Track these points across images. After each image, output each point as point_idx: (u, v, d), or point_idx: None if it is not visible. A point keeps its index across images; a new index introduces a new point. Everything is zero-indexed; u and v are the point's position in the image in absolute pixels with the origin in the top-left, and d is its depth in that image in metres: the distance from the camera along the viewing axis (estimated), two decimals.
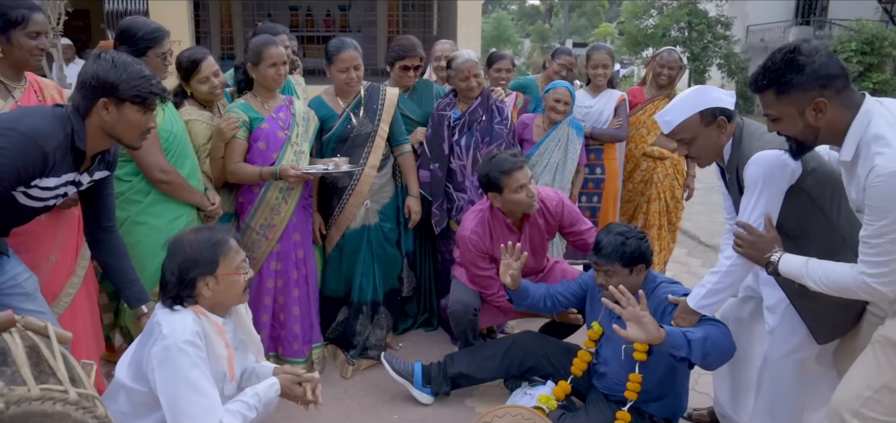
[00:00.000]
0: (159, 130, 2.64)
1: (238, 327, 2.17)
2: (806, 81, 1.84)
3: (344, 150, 3.31)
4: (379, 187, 3.41)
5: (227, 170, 3.05)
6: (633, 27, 17.40)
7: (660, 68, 4.23)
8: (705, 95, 2.36)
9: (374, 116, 3.36)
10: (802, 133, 1.93)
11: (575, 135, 3.93)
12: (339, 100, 3.37)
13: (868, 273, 1.84)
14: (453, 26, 8.56)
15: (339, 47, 3.26)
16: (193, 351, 1.88)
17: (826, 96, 1.84)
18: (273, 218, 3.08)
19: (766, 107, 1.97)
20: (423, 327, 3.93)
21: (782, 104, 1.91)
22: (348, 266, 3.42)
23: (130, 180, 2.67)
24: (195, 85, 3.01)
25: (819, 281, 1.97)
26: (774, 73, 1.89)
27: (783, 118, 1.93)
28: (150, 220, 2.69)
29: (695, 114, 2.33)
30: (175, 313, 1.95)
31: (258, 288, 3.12)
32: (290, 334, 3.19)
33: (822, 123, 1.87)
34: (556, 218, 3.20)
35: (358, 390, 3.25)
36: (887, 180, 1.74)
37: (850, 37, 14.12)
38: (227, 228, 2.12)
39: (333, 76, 3.31)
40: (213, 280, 1.98)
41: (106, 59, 1.93)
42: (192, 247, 1.97)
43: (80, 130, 1.93)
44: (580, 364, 2.89)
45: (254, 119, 3.04)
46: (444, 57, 3.95)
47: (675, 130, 2.39)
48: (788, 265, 2.06)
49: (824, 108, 1.85)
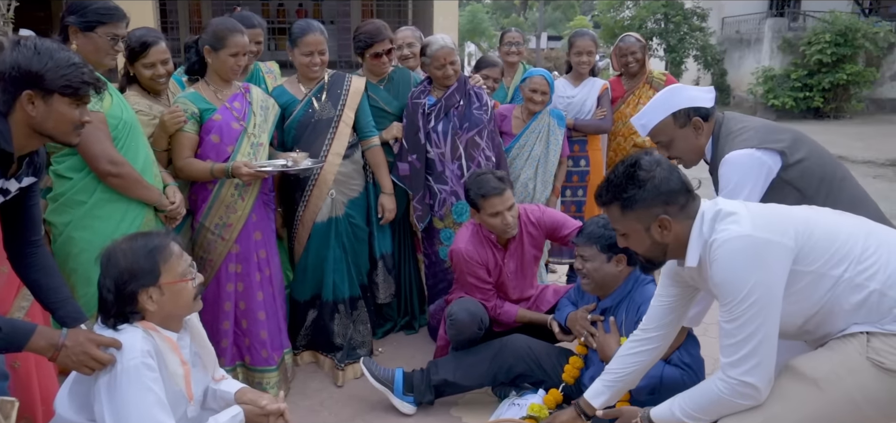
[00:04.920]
0: (107, 117, 2.35)
1: (193, 341, 1.94)
2: (648, 197, 1.79)
3: (305, 136, 3.10)
4: (345, 176, 3.18)
5: (175, 166, 2.79)
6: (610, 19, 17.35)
7: (623, 58, 4.13)
8: (677, 96, 2.29)
9: (337, 102, 3.15)
10: (649, 250, 1.86)
11: (556, 125, 3.76)
12: (301, 85, 3.17)
13: (738, 369, 1.68)
14: (429, 19, 8.39)
15: (304, 29, 3.07)
16: (147, 373, 1.67)
17: (670, 213, 1.79)
18: (229, 216, 2.83)
19: (613, 222, 1.91)
20: (404, 331, 3.71)
21: (628, 220, 1.84)
22: (317, 265, 3.19)
23: (72, 177, 2.34)
24: (139, 68, 2.75)
25: (691, 412, 1.82)
26: (616, 187, 1.83)
27: (630, 235, 1.86)
28: (97, 223, 2.36)
29: (668, 116, 2.28)
30: (119, 332, 1.72)
31: (217, 293, 2.87)
32: (256, 342, 2.95)
33: (668, 240, 1.81)
34: (541, 227, 3.08)
35: (334, 401, 3.03)
36: (725, 246, 1.67)
37: (824, 28, 14.21)
38: (165, 231, 1.90)
39: (296, 60, 3.12)
40: (156, 291, 1.76)
41: (27, 47, 1.66)
42: (127, 257, 1.75)
43: (5, 130, 1.66)
44: (572, 371, 2.75)
45: (205, 110, 2.78)
46: (405, 45, 3.73)
47: (651, 133, 2.34)
48: (660, 415, 1.93)
49: (668, 225, 1.79)
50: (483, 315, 2.92)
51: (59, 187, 2.33)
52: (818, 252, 1.72)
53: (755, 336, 1.66)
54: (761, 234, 1.68)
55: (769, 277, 1.66)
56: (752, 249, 1.67)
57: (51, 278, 1.94)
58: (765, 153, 2.13)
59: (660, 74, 4.20)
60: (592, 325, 2.70)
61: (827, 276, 1.71)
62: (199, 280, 1.89)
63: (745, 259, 1.67)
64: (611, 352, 2.50)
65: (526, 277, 3.12)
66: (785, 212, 1.80)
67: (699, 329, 2.54)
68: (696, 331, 2.53)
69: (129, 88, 2.83)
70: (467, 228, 3.07)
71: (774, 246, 1.68)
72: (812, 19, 15.87)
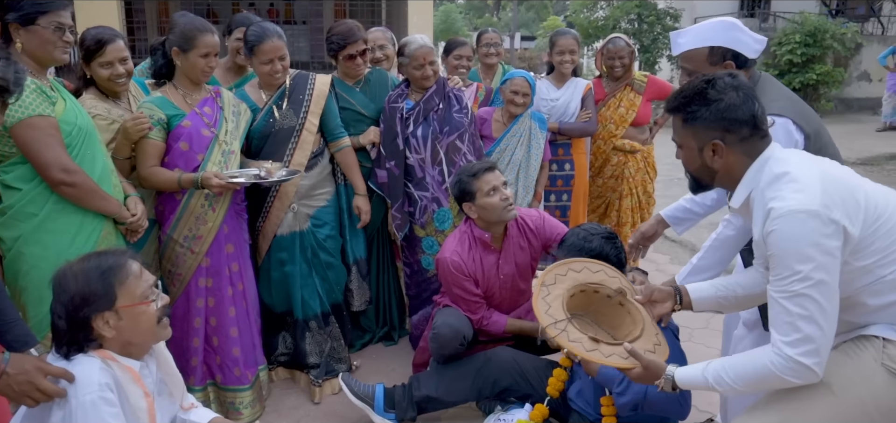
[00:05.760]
0: (60, 123, 2.15)
1: (159, 367, 1.79)
2: (709, 118, 1.72)
3: (266, 147, 2.91)
4: (309, 188, 3.01)
5: (139, 175, 2.61)
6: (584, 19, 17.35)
7: (610, 61, 4.05)
8: (726, 32, 2.15)
9: (299, 108, 2.97)
10: (698, 171, 1.81)
11: (538, 129, 3.66)
12: (262, 92, 2.98)
13: (795, 349, 1.56)
14: (404, 19, 8.26)
15: (260, 36, 2.82)
16: (105, 408, 1.52)
17: (726, 141, 1.71)
18: (199, 228, 2.65)
19: (674, 132, 1.85)
20: (383, 342, 3.56)
21: (686, 133, 1.79)
22: (282, 280, 3.02)
23: (22, 188, 2.13)
24: (95, 68, 2.57)
25: (728, 380, 1.70)
26: (683, 99, 1.77)
27: (685, 148, 1.81)
28: (49, 238, 2.15)
29: (704, 47, 2.15)
30: (73, 363, 1.56)
31: (186, 309, 2.69)
32: (228, 360, 2.77)
33: (718, 167, 1.75)
34: (539, 235, 2.93)
35: (311, 418, 2.88)
36: (788, 218, 1.56)
37: (794, 29, 14.38)
38: (123, 249, 1.73)
39: (256, 69, 2.92)
40: (112, 316, 1.60)
41: None
42: (79, 279, 1.59)
43: None
44: (556, 384, 2.63)
45: (173, 116, 2.60)
46: (376, 47, 3.58)
47: (682, 56, 2.21)
48: (687, 377, 1.80)
49: (721, 152, 1.72)
50: (466, 330, 2.78)
51: (7, 199, 2.12)
52: (876, 248, 1.61)
53: (814, 318, 1.54)
54: (829, 213, 1.55)
55: (829, 261, 1.55)
56: (818, 230, 1.54)
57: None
58: (796, 128, 2.04)
59: (641, 75, 4.13)
60: None
61: (872, 272, 1.62)
62: (162, 302, 1.73)
63: (808, 237, 1.54)
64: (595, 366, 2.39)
65: (520, 286, 2.97)
66: (857, 187, 1.66)
67: (700, 323, 2.43)
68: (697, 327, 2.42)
69: (86, 90, 2.64)
70: (454, 236, 2.91)
71: (840, 231, 1.56)
72: (782, 20, 16.06)
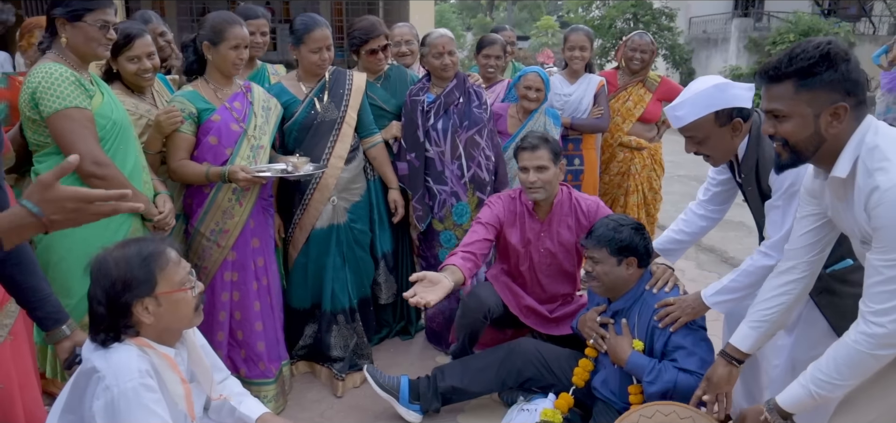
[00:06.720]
0: (96, 116, 2.17)
1: (189, 356, 1.79)
2: (836, 81, 1.63)
3: (307, 138, 2.94)
4: (347, 182, 3.05)
5: (169, 168, 2.62)
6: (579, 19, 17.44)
7: (631, 52, 4.06)
8: (723, 94, 2.13)
9: (340, 102, 3.00)
10: (806, 141, 1.69)
11: (552, 125, 3.68)
12: (302, 84, 3.00)
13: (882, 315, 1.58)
14: (404, 17, 8.28)
15: (309, 25, 2.88)
16: (147, 394, 1.52)
17: (849, 104, 1.63)
18: (226, 222, 2.67)
19: (773, 101, 1.70)
20: (400, 336, 3.59)
21: (799, 100, 1.66)
22: (316, 272, 3.04)
23: None
24: (123, 62, 2.59)
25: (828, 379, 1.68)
26: (804, 61, 1.64)
27: (793, 117, 1.68)
28: (78, 231, 2.09)
29: (710, 113, 2.13)
30: (111, 351, 1.55)
31: (211, 303, 2.70)
32: (252, 354, 2.79)
33: (831, 133, 1.66)
34: (590, 219, 2.89)
35: (335, 411, 2.89)
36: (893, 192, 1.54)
37: (789, 29, 14.49)
38: (161, 236, 1.73)
39: (304, 57, 2.93)
40: (152, 302, 1.60)
41: None
42: (120, 266, 1.58)
43: None
44: (582, 374, 2.67)
45: (203, 110, 2.61)
46: (403, 42, 3.60)
47: (686, 128, 2.18)
48: (790, 397, 1.77)
49: (843, 115, 1.63)
50: (494, 307, 2.81)
51: None
52: None
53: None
54: None
55: None
56: None
57: (29, 275, 1.74)
58: None
59: (654, 75, 4.16)
60: (603, 327, 2.62)
61: None
62: (199, 289, 1.73)
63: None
64: (624, 355, 2.44)
65: (561, 269, 2.97)
66: None
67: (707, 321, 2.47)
68: None
69: (112, 85, 2.65)
70: (513, 190, 3.04)
71: None
72: (776, 20, 16.19)
